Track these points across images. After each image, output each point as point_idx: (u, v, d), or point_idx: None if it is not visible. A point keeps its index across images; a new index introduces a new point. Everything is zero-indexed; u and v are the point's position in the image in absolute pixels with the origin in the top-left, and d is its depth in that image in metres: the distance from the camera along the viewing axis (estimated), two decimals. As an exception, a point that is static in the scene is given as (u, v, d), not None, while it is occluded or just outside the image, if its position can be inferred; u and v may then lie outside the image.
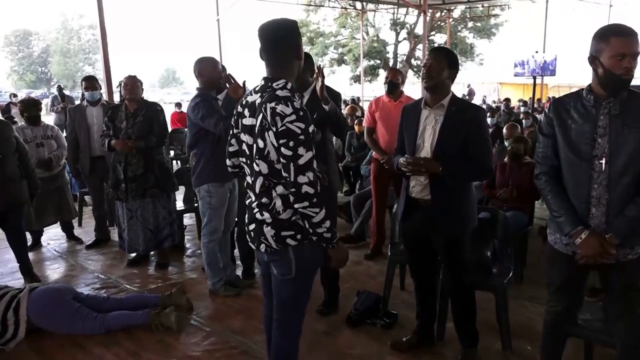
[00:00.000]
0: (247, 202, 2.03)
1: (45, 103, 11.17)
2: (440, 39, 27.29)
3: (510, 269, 3.06)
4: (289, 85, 1.88)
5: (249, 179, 2.00)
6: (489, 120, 7.60)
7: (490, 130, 7.39)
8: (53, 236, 5.26)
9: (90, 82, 4.71)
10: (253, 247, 2.02)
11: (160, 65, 62.25)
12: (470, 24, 27.36)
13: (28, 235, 4.87)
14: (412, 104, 2.68)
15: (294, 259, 1.94)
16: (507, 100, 12.28)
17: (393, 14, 26.25)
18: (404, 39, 27.49)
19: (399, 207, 2.73)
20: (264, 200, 1.91)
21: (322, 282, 3.43)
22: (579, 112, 1.97)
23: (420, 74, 2.50)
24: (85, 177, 4.86)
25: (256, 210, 1.95)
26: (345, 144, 7.34)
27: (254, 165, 1.90)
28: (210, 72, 3.40)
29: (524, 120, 7.30)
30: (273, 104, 1.79)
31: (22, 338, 3.04)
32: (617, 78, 1.86)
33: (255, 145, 1.88)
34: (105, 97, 6.65)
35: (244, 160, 2.01)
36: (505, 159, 4.28)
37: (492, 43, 28.27)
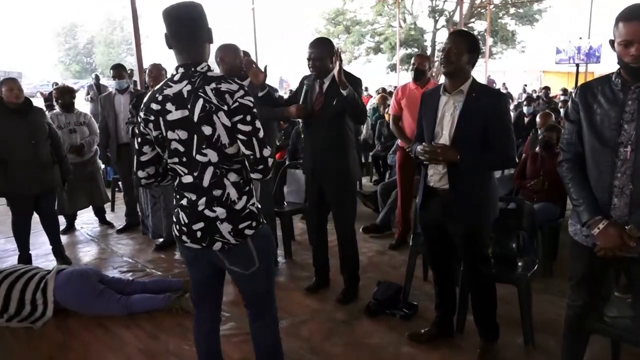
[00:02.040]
0: (183, 202, 1.85)
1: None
2: (480, 26, 26.53)
3: (536, 262, 2.94)
4: (212, 68, 1.80)
5: (186, 179, 1.82)
6: (525, 109, 7.36)
7: (527, 119, 7.16)
8: (87, 220, 5.43)
9: (118, 71, 4.81)
10: (198, 246, 1.86)
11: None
12: (512, 10, 26.45)
13: (62, 219, 5.05)
14: (431, 90, 2.59)
15: (254, 249, 1.88)
16: (547, 88, 11.83)
17: (432, 0, 25.71)
18: (442, 26, 26.87)
19: (418, 196, 2.67)
20: (215, 192, 1.79)
21: (342, 271, 3.41)
22: (606, 97, 1.86)
23: (439, 59, 2.42)
24: (114, 163, 4.99)
25: (203, 207, 1.81)
26: (376, 132, 7.29)
27: (198, 156, 1.76)
28: (232, 59, 3.38)
29: (561, 109, 7.01)
30: (214, 85, 1.72)
31: (50, 317, 3.15)
32: (625, 65, 1.75)
33: (196, 136, 1.74)
34: (138, 85, 6.80)
35: (176, 160, 1.81)
36: (537, 149, 4.12)
37: (534, 30, 27.28)
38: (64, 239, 4.86)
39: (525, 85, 21.31)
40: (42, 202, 4.03)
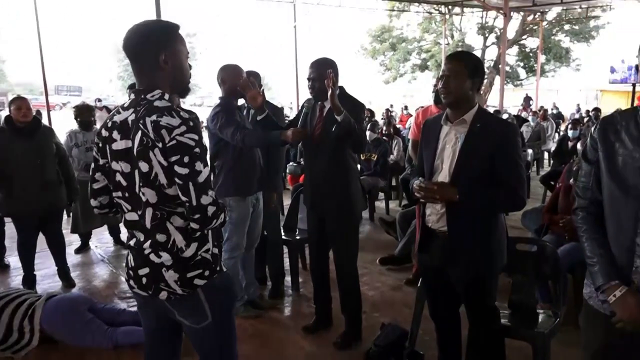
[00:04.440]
0: (131, 243, 1.67)
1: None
2: (532, 43, 25.57)
3: (558, 314, 2.56)
4: (166, 96, 1.59)
5: (129, 216, 1.64)
6: (570, 132, 6.84)
7: (570, 144, 6.65)
8: (102, 239, 5.38)
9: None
10: (145, 294, 1.66)
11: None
12: (566, 27, 25.35)
13: (76, 237, 5.03)
14: (433, 118, 2.30)
15: (206, 301, 1.64)
16: (597, 110, 11.02)
17: (481, 17, 25.02)
18: (493, 43, 26.06)
19: (417, 237, 2.37)
20: (159, 237, 1.58)
21: (343, 310, 3.11)
22: (630, 135, 1.51)
23: (439, 86, 2.11)
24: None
25: (149, 251, 1.60)
26: (407, 154, 6.97)
27: (140, 195, 1.56)
28: (233, 80, 3.19)
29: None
30: (154, 117, 1.50)
31: (34, 346, 3.03)
32: None
33: (137, 171, 1.54)
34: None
35: (120, 194, 1.63)
36: (572, 180, 3.70)
37: (590, 47, 25.99)
38: (76, 258, 4.84)
39: (579, 105, 20.23)
40: (48, 223, 3.98)
